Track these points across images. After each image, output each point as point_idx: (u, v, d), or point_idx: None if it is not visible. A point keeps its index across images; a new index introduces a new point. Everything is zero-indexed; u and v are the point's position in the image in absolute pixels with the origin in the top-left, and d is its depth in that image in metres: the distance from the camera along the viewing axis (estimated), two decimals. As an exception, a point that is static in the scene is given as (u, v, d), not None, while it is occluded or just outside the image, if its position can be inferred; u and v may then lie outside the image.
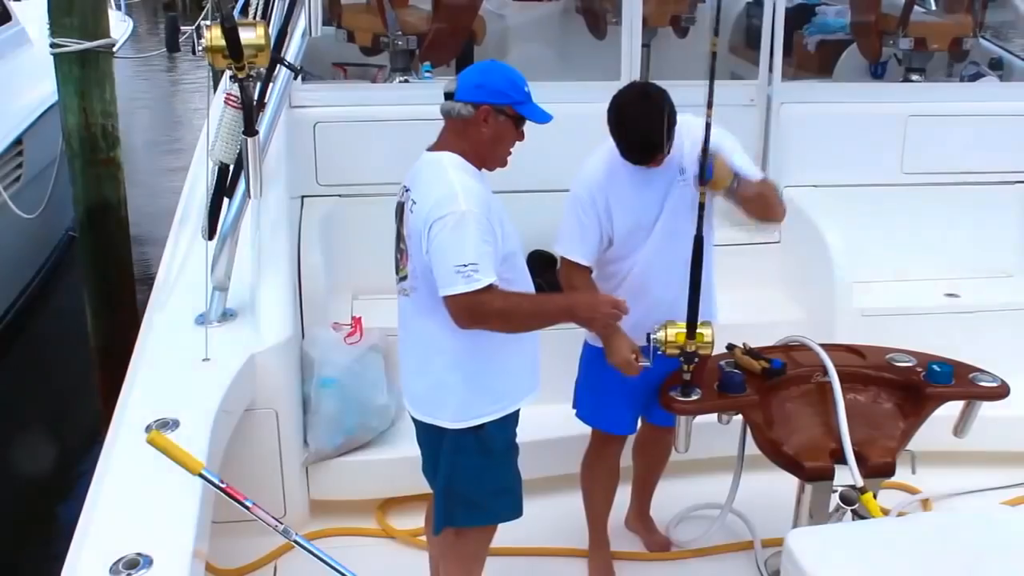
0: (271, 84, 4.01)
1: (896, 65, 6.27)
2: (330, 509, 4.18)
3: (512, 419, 3.30)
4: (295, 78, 4.35)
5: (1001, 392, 3.66)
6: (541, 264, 3.97)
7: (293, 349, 3.96)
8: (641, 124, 3.34)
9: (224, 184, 3.88)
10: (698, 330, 3.40)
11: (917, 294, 5.00)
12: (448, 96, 3.14)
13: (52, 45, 6.25)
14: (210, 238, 3.88)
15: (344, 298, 4.68)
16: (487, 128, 3.11)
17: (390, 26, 5.65)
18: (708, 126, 3.30)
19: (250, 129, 3.60)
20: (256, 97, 3.80)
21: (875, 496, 3.42)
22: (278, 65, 4.02)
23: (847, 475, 3.43)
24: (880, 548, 2.94)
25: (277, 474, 3.93)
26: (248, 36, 3.47)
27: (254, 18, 5.02)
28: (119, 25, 9.81)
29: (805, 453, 3.51)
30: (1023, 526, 3.13)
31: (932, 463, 3.88)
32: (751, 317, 4.56)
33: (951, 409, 3.74)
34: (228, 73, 3.59)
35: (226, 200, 3.89)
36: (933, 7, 6.94)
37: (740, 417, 3.68)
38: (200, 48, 3.48)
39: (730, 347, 3.75)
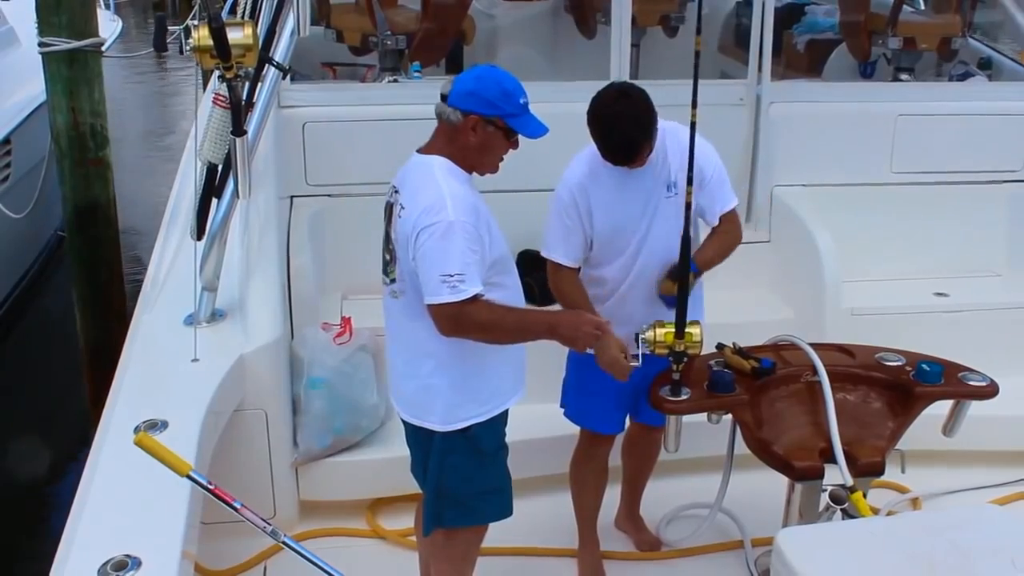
0: (259, 84, 3.99)
1: (885, 65, 6.28)
2: (320, 510, 4.17)
3: (500, 420, 3.30)
4: (283, 78, 4.34)
5: (990, 391, 3.67)
6: (530, 264, 3.96)
7: (282, 349, 3.95)
8: (620, 125, 3.34)
9: (213, 184, 3.85)
10: (687, 329, 3.40)
11: (906, 293, 5.00)
12: (443, 97, 3.10)
13: (40, 44, 6.23)
14: (199, 238, 3.86)
15: (333, 298, 4.68)
16: (474, 137, 3.07)
17: (379, 26, 5.64)
18: (693, 125, 3.29)
19: (238, 129, 3.58)
20: (244, 97, 3.78)
21: (865, 495, 3.42)
22: (266, 65, 4.00)
23: (837, 474, 3.43)
24: (870, 547, 2.94)
25: (266, 475, 3.92)
26: (236, 36, 3.46)
27: (242, 18, 5.00)
28: (108, 25, 9.78)
29: (795, 452, 3.51)
30: (1012, 525, 3.13)
31: (921, 462, 3.88)
32: (740, 316, 4.56)
33: (940, 408, 3.75)
34: (216, 73, 3.57)
35: (215, 200, 3.87)
36: (922, 7, 6.96)
37: (730, 416, 3.68)
38: (188, 48, 3.46)
39: (720, 346, 3.75)
